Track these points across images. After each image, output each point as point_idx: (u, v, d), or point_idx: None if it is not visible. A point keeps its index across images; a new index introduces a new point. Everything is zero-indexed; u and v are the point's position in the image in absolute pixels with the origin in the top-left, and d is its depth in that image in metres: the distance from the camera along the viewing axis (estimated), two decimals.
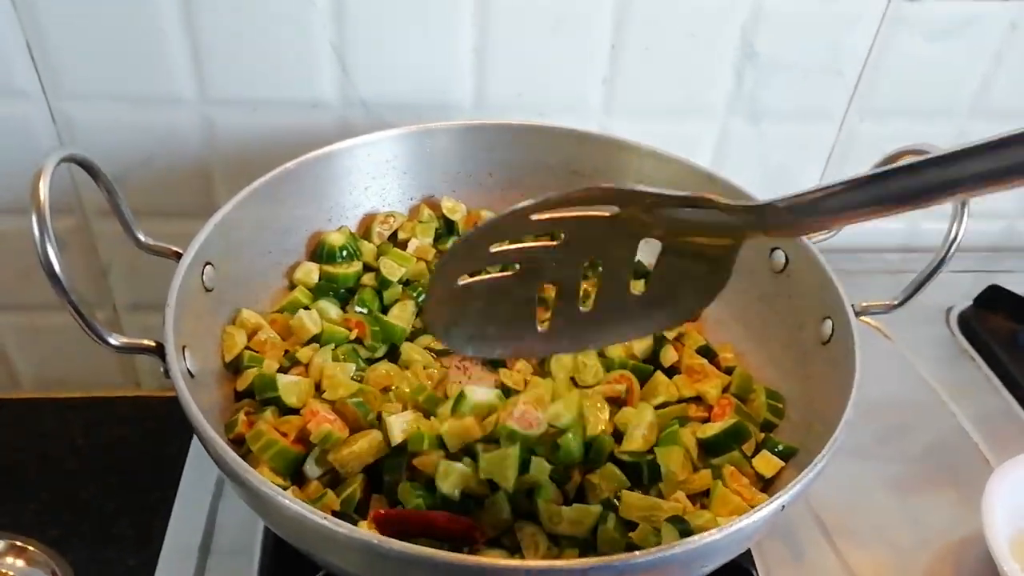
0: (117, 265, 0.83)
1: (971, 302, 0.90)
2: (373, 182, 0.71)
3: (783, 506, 0.42)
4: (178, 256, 0.54)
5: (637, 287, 0.46)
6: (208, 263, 0.56)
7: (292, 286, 0.66)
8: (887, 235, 0.98)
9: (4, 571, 0.67)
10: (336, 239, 0.67)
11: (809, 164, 0.90)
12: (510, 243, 0.43)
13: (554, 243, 0.44)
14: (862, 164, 0.74)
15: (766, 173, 0.89)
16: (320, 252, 0.67)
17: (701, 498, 0.54)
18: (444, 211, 0.72)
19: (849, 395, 0.49)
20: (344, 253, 0.67)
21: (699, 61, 0.79)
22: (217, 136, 0.76)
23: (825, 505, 0.66)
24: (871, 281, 0.89)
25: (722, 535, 0.40)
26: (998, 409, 0.78)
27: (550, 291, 0.46)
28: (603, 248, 0.44)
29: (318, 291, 0.66)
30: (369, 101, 0.76)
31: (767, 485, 0.56)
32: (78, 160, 0.48)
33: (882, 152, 0.63)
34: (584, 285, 0.46)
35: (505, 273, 0.46)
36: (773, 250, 0.65)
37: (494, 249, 0.43)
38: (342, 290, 0.67)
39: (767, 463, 0.55)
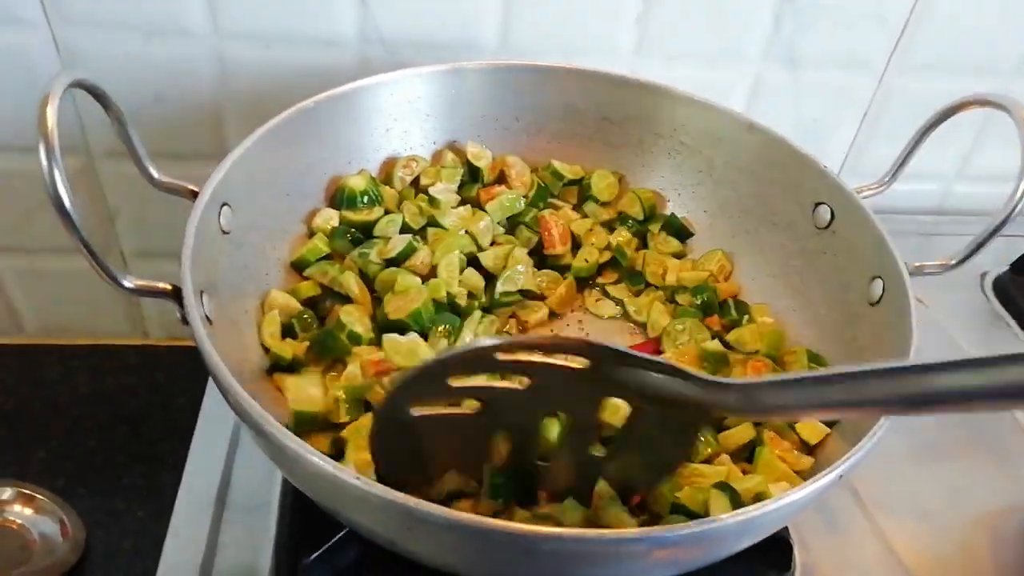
0: (125, 209, 0.79)
1: (1006, 267, 0.87)
2: (395, 124, 0.67)
3: (841, 476, 0.40)
4: (194, 195, 0.50)
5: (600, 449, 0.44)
6: (225, 204, 0.52)
7: (311, 233, 0.63)
8: (921, 197, 0.95)
9: (12, 519, 0.66)
10: (357, 183, 0.63)
11: (845, 117, 0.86)
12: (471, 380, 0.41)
13: (519, 387, 0.41)
14: (899, 120, 0.71)
15: (800, 124, 0.85)
16: (340, 197, 0.63)
17: (742, 461, 0.52)
18: (469, 157, 0.69)
19: (906, 359, 0.47)
20: (365, 199, 0.63)
21: (737, 2, 0.75)
22: (229, 73, 0.72)
23: (858, 473, 0.63)
24: (904, 242, 0.86)
25: (778, 506, 0.38)
26: None
27: (504, 445, 0.44)
28: (568, 404, 0.42)
29: (335, 236, 0.62)
30: (388, 38, 0.72)
31: (810, 451, 0.53)
32: (87, 86, 0.44)
33: (922, 107, 0.60)
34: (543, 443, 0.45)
35: (463, 411, 0.43)
36: (817, 205, 0.62)
37: (455, 384, 0.40)
38: (360, 237, 0.64)
39: (812, 429, 0.53)
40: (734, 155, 0.67)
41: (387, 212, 0.65)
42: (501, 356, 0.39)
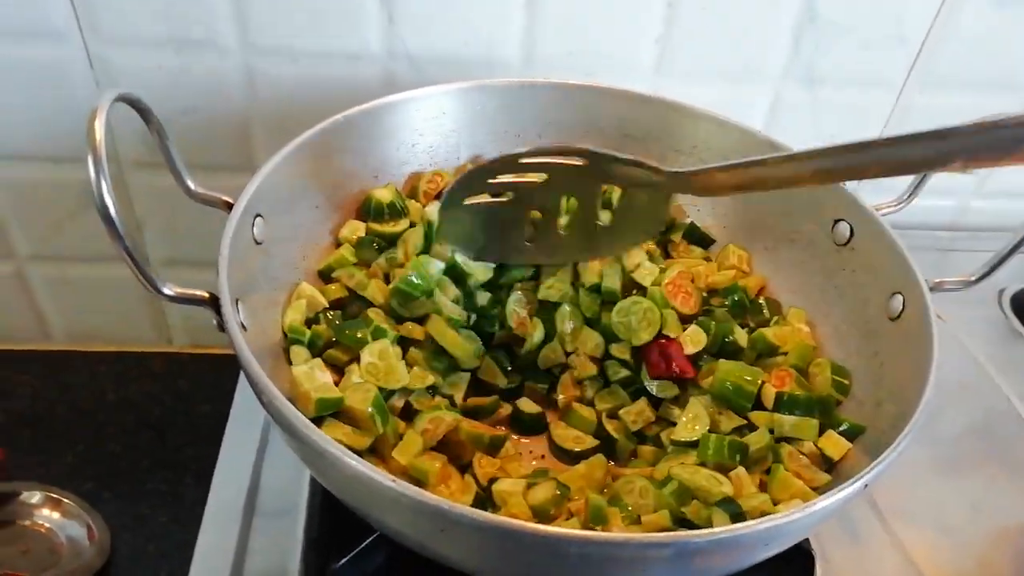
0: (151, 218, 0.81)
1: None
2: (421, 139, 0.68)
3: (866, 485, 0.41)
4: (228, 206, 0.52)
5: (603, 219, 0.61)
6: (258, 215, 0.54)
7: (338, 243, 0.64)
8: (937, 212, 0.95)
9: (41, 523, 0.67)
10: (384, 195, 0.65)
11: (864, 134, 0.86)
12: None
13: (539, 180, 0.57)
14: None
15: (819, 141, 0.84)
16: (367, 208, 0.64)
17: (761, 472, 0.53)
18: None
19: (928, 373, 0.47)
20: (391, 210, 0.65)
21: (757, 22, 0.76)
22: (257, 87, 0.73)
23: (879, 485, 0.64)
24: (920, 257, 0.87)
25: (804, 514, 0.38)
26: None
27: (534, 215, 0.59)
28: (576, 187, 0.58)
29: (361, 245, 0.64)
30: (414, 55, 0.73)
31: (830, 468, 0.54)
32: (131, 100, 0.46)
33: (941, 124, 0.60)
34: (561, 217, 0.60)
35: (501, 199, 0.59)
36: (836, 222, 0.63)
37: (492, 181, 0.58)
38: (386, 247, 0.65)
39: (835, 444, 0.53)
40: None
41: (412, 224, 0.66)
42: (525, 160, 0.56)
